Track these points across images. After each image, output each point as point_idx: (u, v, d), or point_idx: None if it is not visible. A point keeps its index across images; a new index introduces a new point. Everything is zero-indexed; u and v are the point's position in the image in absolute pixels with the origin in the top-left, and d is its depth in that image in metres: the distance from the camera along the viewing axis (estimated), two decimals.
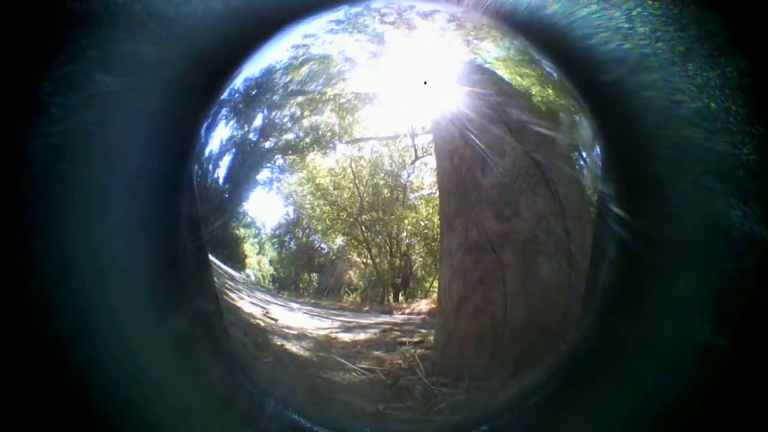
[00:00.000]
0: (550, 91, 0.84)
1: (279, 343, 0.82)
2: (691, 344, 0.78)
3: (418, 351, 0.79)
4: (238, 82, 0.86)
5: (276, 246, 0.82)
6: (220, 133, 0.86)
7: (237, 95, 0.86)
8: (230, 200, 0.83)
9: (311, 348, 0.81)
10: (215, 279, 0.85)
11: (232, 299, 0.85)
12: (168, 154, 0.86)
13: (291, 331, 0.82)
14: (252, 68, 0.87)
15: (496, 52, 0.87)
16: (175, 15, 0.85)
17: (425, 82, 0.80)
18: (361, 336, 0.81)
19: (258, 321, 0.83)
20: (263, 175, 0.82)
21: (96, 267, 0.79)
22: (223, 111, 0.86)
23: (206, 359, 0.86)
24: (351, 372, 0.80)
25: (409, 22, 0.88)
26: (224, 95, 0.87)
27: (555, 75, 0.85)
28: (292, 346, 0.82)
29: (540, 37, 0.86)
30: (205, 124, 0.87)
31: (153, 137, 0.85)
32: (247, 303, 0.84)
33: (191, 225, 0.86)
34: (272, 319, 0.83)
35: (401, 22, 0.87)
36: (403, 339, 0.80)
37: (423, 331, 0.80)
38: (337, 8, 0.89)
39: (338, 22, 0.86)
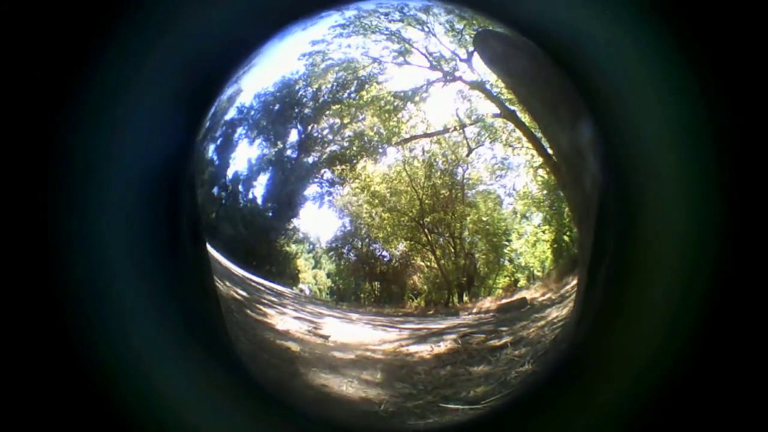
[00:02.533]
0: None
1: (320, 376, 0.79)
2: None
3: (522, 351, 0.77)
4: (246, 97, 0.83)
5: (334, 258, 0.80)
6: (243, 152, 0.82)
7: (254, 112, 0.83)
8: (276, 219, 0.80)
9: (376, 381, 0.78)
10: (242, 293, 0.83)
11: (271, 317, 0.82)
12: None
13: (345, 354, 0.79)
14: (255, 83, 0.83)
15: None
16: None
17: None
18: (441, 347, 0.78)
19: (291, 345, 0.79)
20: (312, 190, 0.80)
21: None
22: (240, 130, 0.83)
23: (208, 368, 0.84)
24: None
25: (416, 17, 0.86)
26: (229, 115, 0.83)
27: None
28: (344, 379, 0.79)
29: None
30: (212, 145, 0.84)
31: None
32: (291, 321, 0.81)
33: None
34: (321, 336, 0.80)
35: (408, 18, 0.85)
36: (496, 342, 0.78)
37: (504, 329, 0.79)
38: (324, 14, 0.87)
39: (343, 26, 0.84)
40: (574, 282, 0.82)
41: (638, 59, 0.82)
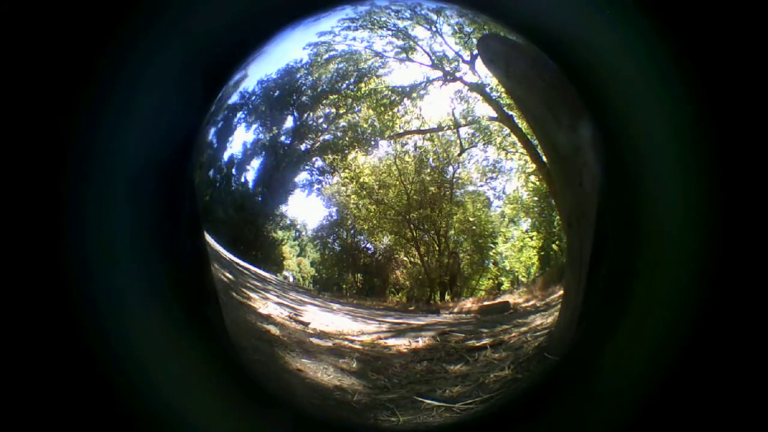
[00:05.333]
0: None
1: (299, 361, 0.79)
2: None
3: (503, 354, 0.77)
4: (250, 83, 0.84)
5: (319, 247, 0.80)
6: (240, 137, 0.83)
7: (255, 98, 0.83)
8: (264, 204, 0.81)
9: (351, 370, 0.78)
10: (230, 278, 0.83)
11: (254, 301, 0.82)
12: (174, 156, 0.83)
13: (323, 342, 0.79)
14: (260, 70, 0.84)
15: None
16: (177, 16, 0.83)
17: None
18: (419, 343, 0.78)
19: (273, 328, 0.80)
20: (302, 177, 0.80)
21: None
22: (240, 114, 0.83)
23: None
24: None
25: (427, 17, 0.86)
26: (233, 100, 0.84)
27: None
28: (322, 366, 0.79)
29: None
30: (213, 129, 0.84)
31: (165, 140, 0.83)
32: (273, 306, 0.81)
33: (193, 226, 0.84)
34: (301, 323, 0.80)
35: (418, 17, 0.85)
36: (475, 343, 0.78)
37: (484, 330, 0.79)
38: (339, 8, 0.87)
39: (353, 19, 0.84)
40: (561, 291, 0.81)
41: (638, 59, 0.81)
